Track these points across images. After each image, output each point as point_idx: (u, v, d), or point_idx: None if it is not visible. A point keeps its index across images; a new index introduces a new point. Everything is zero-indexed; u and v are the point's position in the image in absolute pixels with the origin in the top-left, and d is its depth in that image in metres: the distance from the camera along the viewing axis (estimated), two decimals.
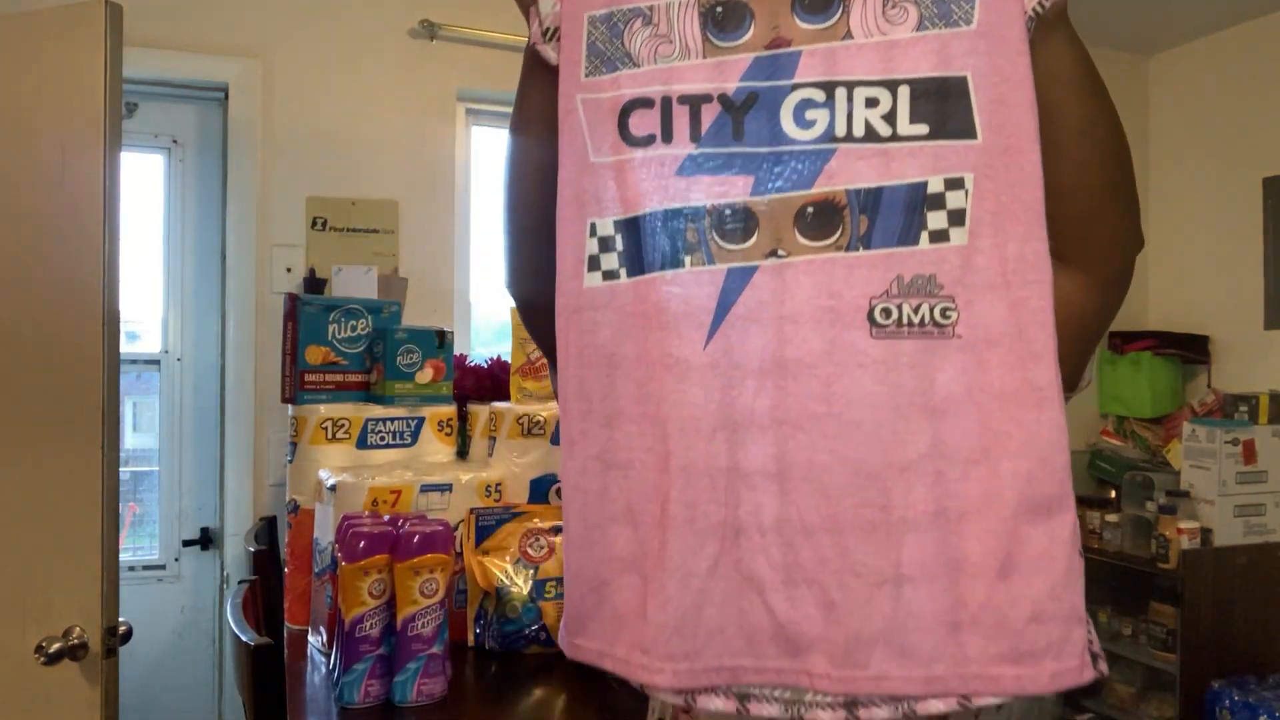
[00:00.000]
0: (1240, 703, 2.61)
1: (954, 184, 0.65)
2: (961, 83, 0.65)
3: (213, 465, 2.59)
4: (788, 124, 0.68)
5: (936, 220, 0.65)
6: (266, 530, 2.20)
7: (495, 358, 2.17)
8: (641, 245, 0.71)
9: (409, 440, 1.77)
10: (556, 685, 1.38)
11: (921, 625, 0.65)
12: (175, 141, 2.61)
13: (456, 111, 2.79)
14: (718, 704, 0.71)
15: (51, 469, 1.44)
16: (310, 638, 1.55)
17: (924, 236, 0.65)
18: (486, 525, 1.53)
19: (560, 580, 1.35)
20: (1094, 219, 0.79)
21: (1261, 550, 2.87)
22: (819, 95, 0.67)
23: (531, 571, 1.48)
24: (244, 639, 1.35)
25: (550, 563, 1.49)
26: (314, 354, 1.78)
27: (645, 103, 0.71)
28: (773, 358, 0.67)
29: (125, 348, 2.21)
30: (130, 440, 2.60)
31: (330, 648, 1.38)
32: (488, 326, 2.93)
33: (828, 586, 0.67)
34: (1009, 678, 0.65)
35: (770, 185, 0.68)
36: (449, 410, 1.82)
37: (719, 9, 0.69)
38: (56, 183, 1.46)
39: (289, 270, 2.56)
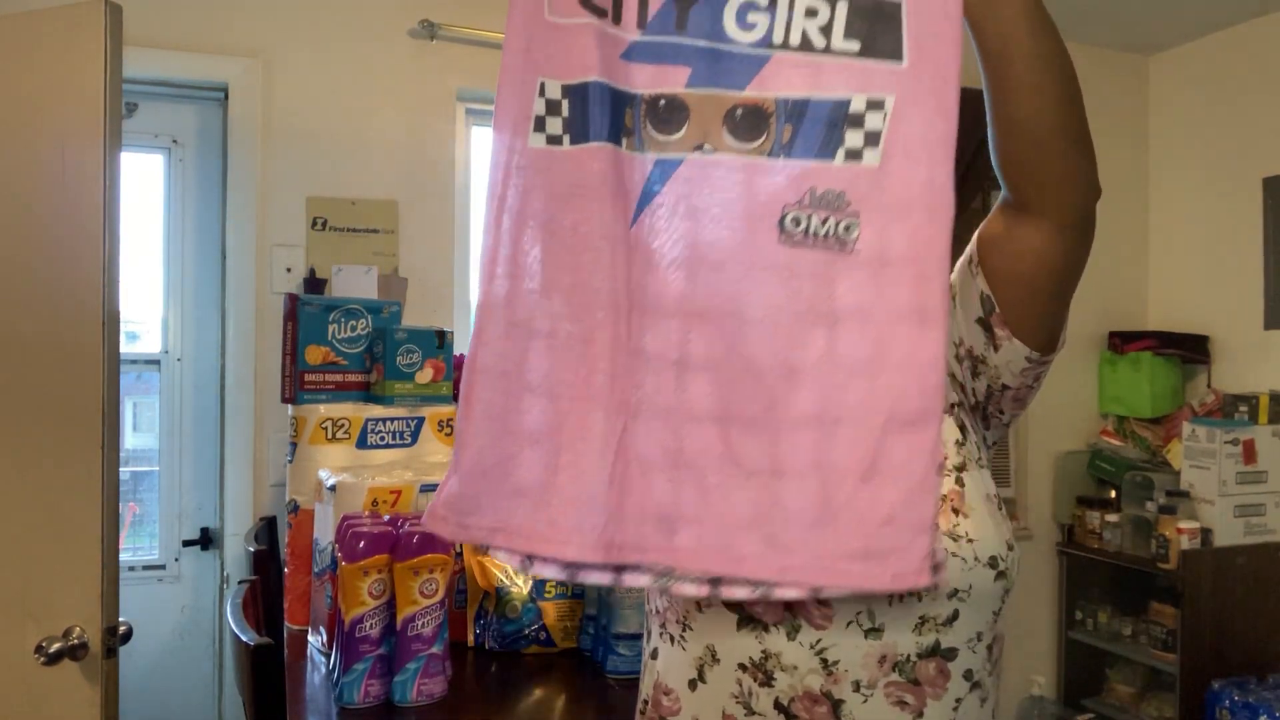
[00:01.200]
0: (1240, 703, 2.61)
1: (875, 105, 0.66)
2: (895, 6, 0.66)
3: (213, 465, 2.59)
4: (729, 23, 0.69)
5: (854, 139, 0.67)
6: (266, 530, 2.21)
7: None
8: (587, 113, 0.71)
9: (409, 440, 1.77)
10: (556, 685, 1.38)
11: (787, 518, 0.68)
12: (175, 141, 2.62)
13: (456, 111, 2.79)
14: (595, 577, 0.72)
15: (51, 469, 1.44)
16: (310, 638, 1.55)
17: (840, 153, 0.67)
18: None
19: (561, 581, 1.35)
20: (1051, 157, 0.81)
21: (1261, 550, 2.87)
22: (762, 0, 0.68)
23: None
24: (244, 639, 1.35)
25: None
26: (314, 354, 1.78)
27: None
28: (688, 249, 0.69)
29: (125, 348, 2.21)
30: (130, 440, 2.60)
31: (330, 648, 1.38)
32: None
33: (706, 472, 0.69)
34: (856, 573, 0.68)
35: (705, 80, 0.69)
36: (449, 410, 1.82)
37: None
38: (56, 183, 1.46)
39: (289, 270, 2.56)
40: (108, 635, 1.41)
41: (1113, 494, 3.28)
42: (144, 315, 2.60)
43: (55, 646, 1.38)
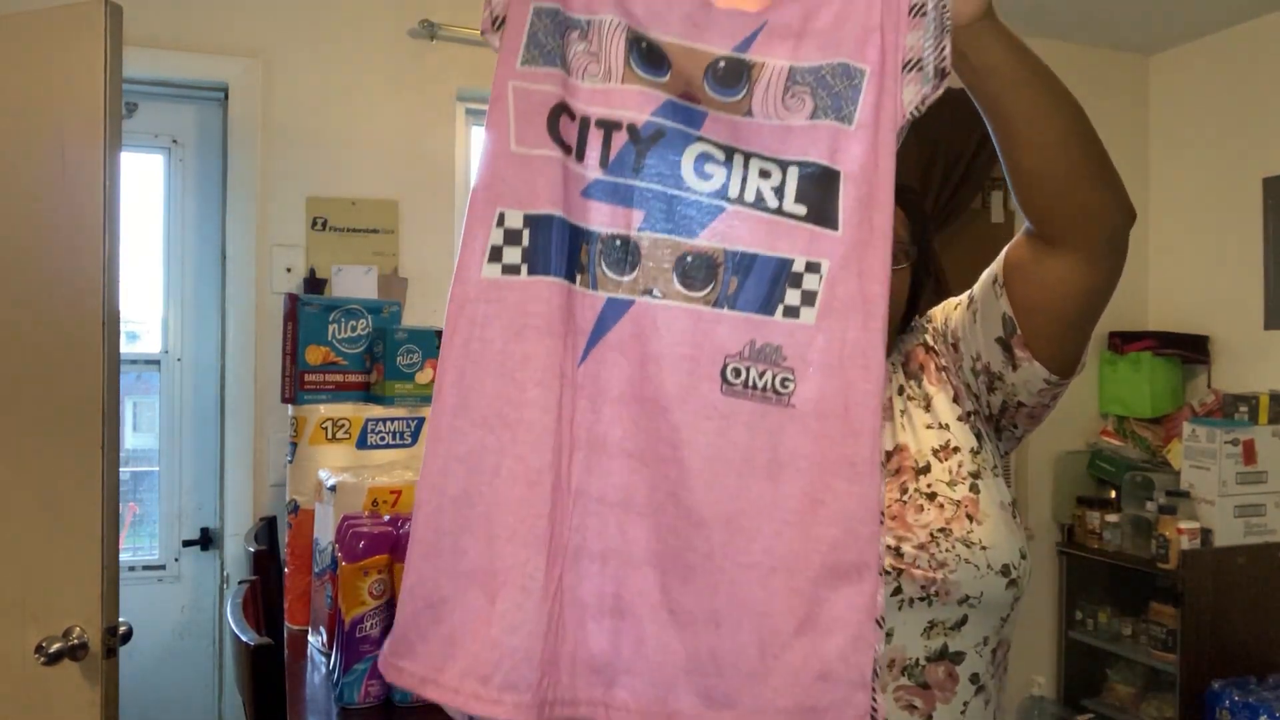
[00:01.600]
0: (1240, 703, 2.61)
1: (813, 267, 0.70)
2: (837, 176, 0.70)
3: (213, 465, 2.59)
4: (687, 171, 0.71)
5: (793, 297, 0.70)
6: (266, 530, 2.20)
7: None
8: (548, 246, 0.71)
9: (409, 440, 1.77)
10: None
11: (722, 669, 0.67)
12: (175, 141, 2.62)
13: (456, 111, 2.79)
14: None
15: (51, 469, 1.44)
16: (310, 638, 1.55)
17: (780, 309, 0.70)
18: None
19: None
20: (1066, 198, 0.81)
21: (1261, 550, 2.87)
22: (719, 154, 0.71)
23: None
24: (244, 639, 1.35)
25: None
26: (314, 354, 1.78)
27: (570, 113, 0.72)
28: (633, 392, 0.70)
29: (125, 348, 2.21)
30: (130, 440, 2.60)
31: (330, 648, 1.38)
32: None
33: (643, 619, 0.69)
34: None
35: (658, 225, 0.71)
36: None
37: (643, 44, 0.71)
38: (56, 183, 1.46)
39: (289, 270, 2.56)
40: (108, 635, 1.41)
41: (1113, 494, 3.28)
42: (144, 315, 2.60)
43: (55, 646, 1.38)
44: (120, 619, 1.44)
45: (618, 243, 0.71)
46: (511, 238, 0.71)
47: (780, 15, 0.70)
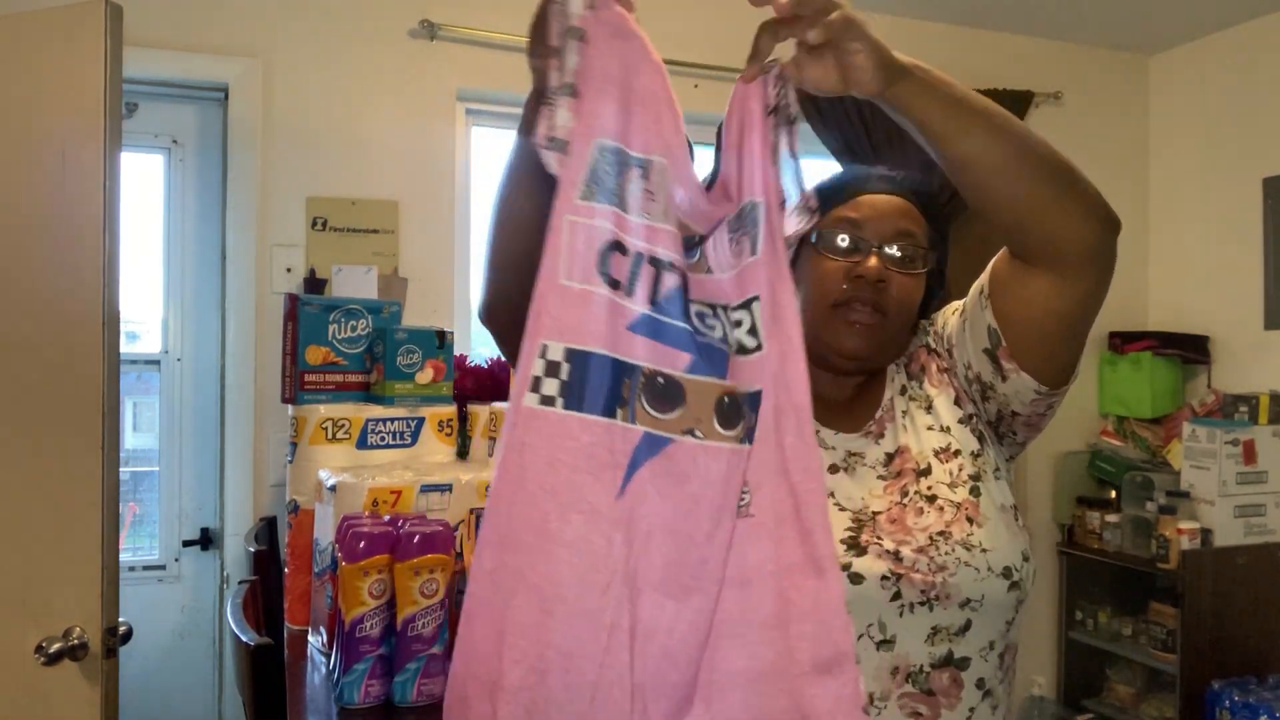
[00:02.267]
0: (1240, 703, 2.61)
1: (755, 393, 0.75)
2: (755, 301, 0.75)
3: (213, 465, 2.59)
4: (698, 320, 0.77)
5: (751, 420, 0.75)
6: (266, 530, 2.21)
7: (495, 358, 2.17)
8: (586, 381, 0.72)
9: (409, 440, 1.77)
10: None
11: None
12: (175, 141, 2.61)
13: (456, 111, 2.78)
14: None
15: (51, 469, 1.45)
16: (310, 638, 1.55)
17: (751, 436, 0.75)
18: None
19: None
20: (1029, 225, 0.81)
21: (1261, 550, 2.87)
22: (708, 310, 0.77)
23: None
24: (244, 639, 1.35)
25: None
26: (314, 354, 1.78)
27: (623, 249, 0.73)
28: (665, 527, 0.71)
29: (125, 348, 2.21)
30: (130, 440, 2.60)
31: (330, 648, 1.38)
32: None
33: None
34: None
35: (702, 368, 0.74)
36: (449, 410, 1.82)
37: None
38: (56, 183, 1.46)
39: (289, 270, 2.56)
40: (108, 635, 1.41)
41: (1113, 494, 3.28)
42: (144, 315, 2.60)
43: (55, 646, 1.38)
44: (120, 619, 1.44)
45: (660, 380, 0.72)
46: (551, 370, 0.72)
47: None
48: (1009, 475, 0.99)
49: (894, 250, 0.98)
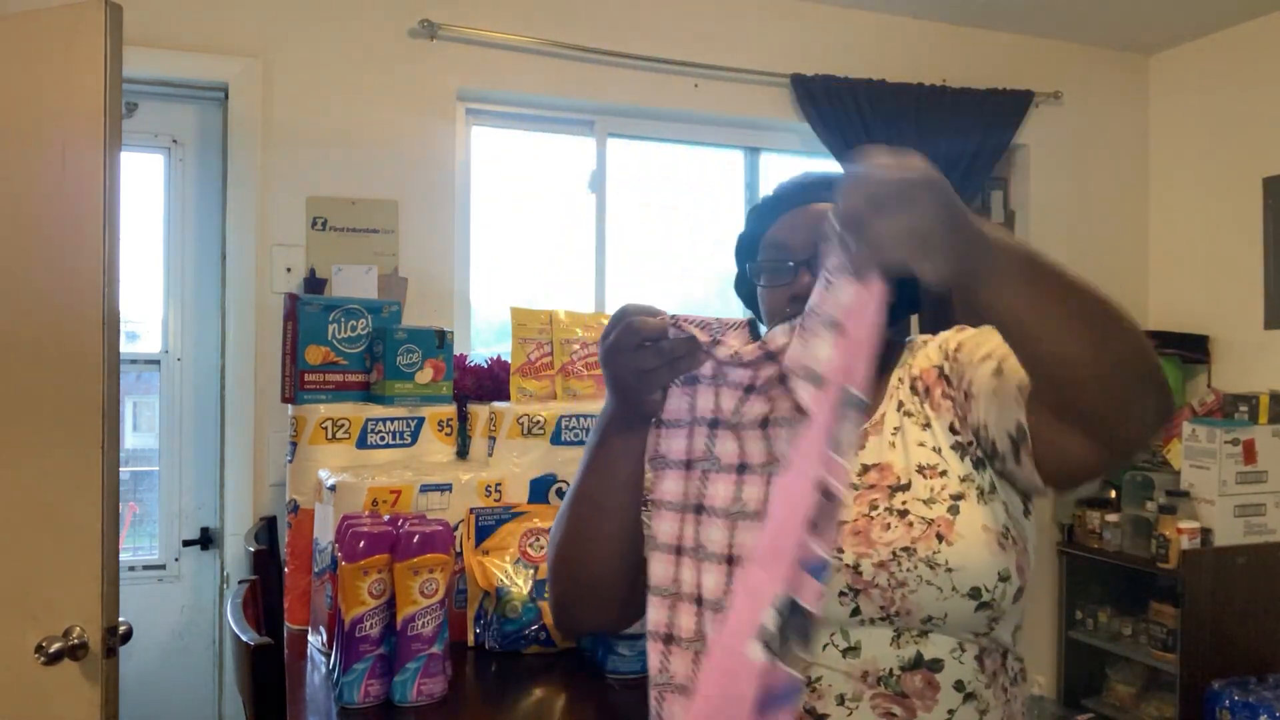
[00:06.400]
0: (1240, 703, 2.61)
1: None
2: None
3: (213, 465, 2.59)
4: None
5: None
6: (266, 530, 2.21)
7: (495, 358, 2.17)
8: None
9: (409, 440, 1.77)
10: (556, 686, 1.38)
11: None
12: (175, 141, 2.62)
13: (456, 111, 2.79)
14: None
15: (52, 469, 1.44)
16: (310, 638, 1.55)
17: None
18: (486, 525, 1.53)
19: None
20: (1106, 402, 0.77)
21: (1261, 550, 2.87)
22: None
23: (531, 571, 1.48)
24: (244, 639, 1.35)
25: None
26: (314, 354, 1.77)
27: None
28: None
29: (125, 348, 2.21)
30: (130, 440, 2.60)
31: (330, 648, 1.38)
32: (488, 326, 2.93)
33: None
34: None
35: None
36: (449, 410, 1.82)
37: None
38: (56, 183, 1.46)
39: (289, 270, 2.56)
40: (108, 635, 1.41)
41: (1113, 494, 3.28)
42: (144, 315, 2.60)
43: (55, 646, 1.38)
44: (120, 619, 1.44)
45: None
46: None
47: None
48: (1013, 499, 0.95)
49: None
